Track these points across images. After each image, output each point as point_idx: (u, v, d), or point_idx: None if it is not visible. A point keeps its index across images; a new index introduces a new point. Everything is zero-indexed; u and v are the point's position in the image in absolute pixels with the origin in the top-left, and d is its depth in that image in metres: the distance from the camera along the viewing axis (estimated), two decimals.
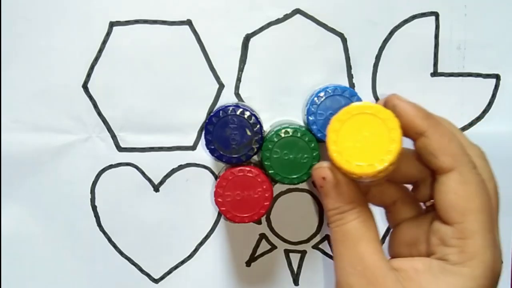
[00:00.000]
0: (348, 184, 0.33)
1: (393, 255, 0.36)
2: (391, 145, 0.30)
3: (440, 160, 0.31)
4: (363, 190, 0.34)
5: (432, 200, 0.35)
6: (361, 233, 0.32)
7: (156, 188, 0.45)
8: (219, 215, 0.45)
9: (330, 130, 0.31)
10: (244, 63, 0.43)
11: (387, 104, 0.33)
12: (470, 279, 0.30)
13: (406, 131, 0.31)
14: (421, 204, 0.37)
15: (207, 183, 0.45)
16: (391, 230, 0.38)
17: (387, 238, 0.38)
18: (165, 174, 0.45)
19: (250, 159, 0.39)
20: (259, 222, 0.45)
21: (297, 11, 0.43)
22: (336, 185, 0.33)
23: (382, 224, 0.41)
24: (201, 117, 0.44)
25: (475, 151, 0.34)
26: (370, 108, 0.31)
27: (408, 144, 0.34)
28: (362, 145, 0.31)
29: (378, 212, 0.39)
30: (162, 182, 0.45)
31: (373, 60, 0.44)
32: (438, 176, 0.32)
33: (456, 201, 0.31)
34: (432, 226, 0.33)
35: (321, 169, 0.33)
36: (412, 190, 0.37)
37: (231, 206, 0.39)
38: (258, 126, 0.38)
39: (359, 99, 0.39)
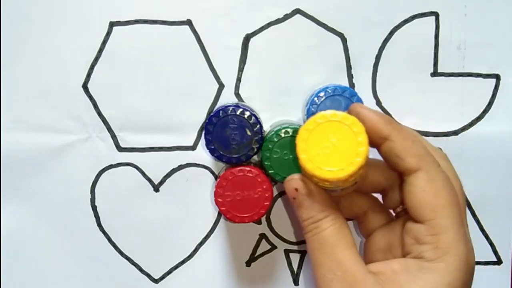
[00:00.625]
0: (320, 193, 0.34)
1: (369, 263, 0.36)
2: (359, 148, 0.31)
3: (406, 162, 0.32)
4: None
5: (401, 206, 0.36)
6: (337, 239, 0.33)
7: (156, 188, 0.45)
8: (219, 215, 0.45)
9: (299, 139, 0.32)
10: (244, 63, 0.43)
11: (350, 113, 0.33)
12: (447, 274, 0.31)
13: (370, 137, 0.32)
14: (391, 211, 0.38)
15: (207, 183, 0.45)
16: (365, 240, 0.38)
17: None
18: (165, 174, 0.45)
19: (250, 159, 0.39)
20: (259, 222, 0.45)
21: (297, 11, 0.43)
22: (309, 195, 0.34)
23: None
24: (201, 117, 0.44)
25: (437, 152, 0.35)
26: (335, 115, 0.32)
27: (374, 155, 0.34)
28: (331, 151, 0.31)
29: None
30: (162, 182, 0.45)
31: (373, 60, 0.44)
32: (405, 177, 0.33)
33: (425, 199, 0.32)
34: (405, 227, 0.34)
35: (293, 180, 0.34)
36: (382, 199, 0.38)
37: (231, 206, 0.39)
38: (258, 126, 0.38)
39: (359, 99, 0.39)
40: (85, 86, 0.43)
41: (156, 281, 0.46)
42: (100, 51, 0.43)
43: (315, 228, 0.33)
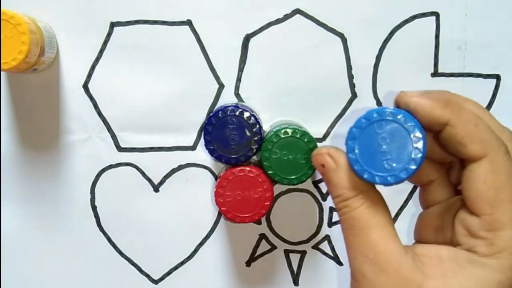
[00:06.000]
0: (349, 169, 0.31)
1: (419, 239, 0.34)
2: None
3: (468, 148, 0.29)
4: None
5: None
6: (368, 219, 0.30)
7: (156, 188, 0.45)
8: (219, 215, 0.45)
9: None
10: (244, 63, 0.43)
11: (399, 105, 0.31)
12: (499, 272, 0.28)
13: (429, 125, 0.30)
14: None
15: (207, 183, 0.45)
16: (421, 212, 0.36)
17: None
18: (165, 174, 0.45)
19: (249, 159, 0.39)
20: (259, 222, 0.45)
21: (297, 11, 0.43)
22: (336, 171, 0.31)
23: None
24: (201, 117, 0.44)
25: (506, 134, 0.31)
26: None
27: None
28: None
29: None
30: (162, 182, 0.45)
31: (374, 60, 0.43)
32: (467, 163, 0.30)
33: (485, 191, 0.29)
34: (458, 215, 0.31)
35: (319, 155, 0.32)
36: (448, 171, 0.35)
37: (231, 206, 0.39)
38: (257, 126, 0.38)
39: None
40: (85, 86, 0.43)
41: (155, 282, 0.46)
42: (101, 51, 0.43)
43: (345, 207, 0.31)
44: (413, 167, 0.29)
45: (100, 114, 0.44)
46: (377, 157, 0.30)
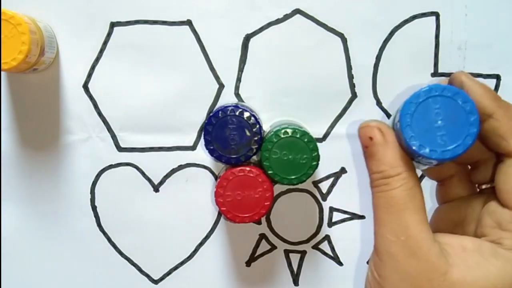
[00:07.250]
0: (396, 147, 0.31)
1: (435, 231, 0.34)
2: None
3: (510, 143, 0.30)
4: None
5: (488, 185, 0.33)
6: (406, 201, 0.30)
7: (156, 188, 0.45)
8: (219, 215, 0.45)
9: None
10: (244, 63, 0.43)
11: (454, 81, 0.32)
12: None
13: None
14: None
15: (207, 183, 0.45)
16: (438, 206, 0.36)
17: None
18: (165, 174, 0.45)
19: (249, 159, 0.39)
20: (259, 222, 0.45)
21: (297, 11, 0.43)
22: (383, 147, 0.31)
23: None
24: (201, 117, 0.44)
25: None
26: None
27: None
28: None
29: None
30: (162, 182, 0.45)
31: (374, 60, 0.43)
32: (505, 158, 0.31)
33: None
34: (487, 207, 0.32)
35: (368, 128, 0.31)
36: (471, 171, 0.35)
37: (231, 206, 0.39)
38: (257, 126, 0.38)
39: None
40: (85, 86, 0.43)
41: (155, 282, 0.46)
42: (101, 51, 0.43)
43: (384, 185, 0.31)
44: (469, 142, 0.29)
45: (100, 114, 0.44)
46: (431, 131, 0.29)
